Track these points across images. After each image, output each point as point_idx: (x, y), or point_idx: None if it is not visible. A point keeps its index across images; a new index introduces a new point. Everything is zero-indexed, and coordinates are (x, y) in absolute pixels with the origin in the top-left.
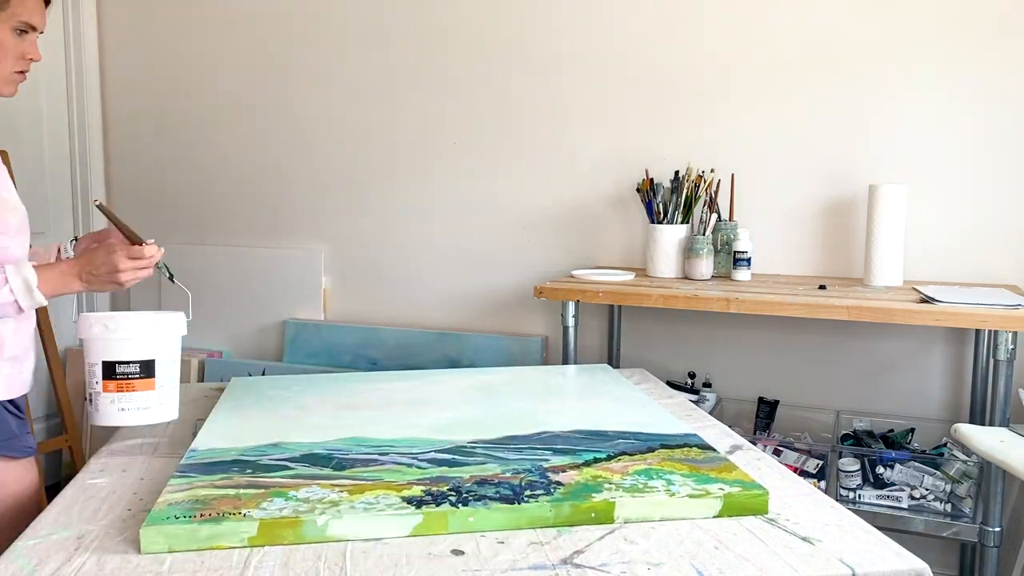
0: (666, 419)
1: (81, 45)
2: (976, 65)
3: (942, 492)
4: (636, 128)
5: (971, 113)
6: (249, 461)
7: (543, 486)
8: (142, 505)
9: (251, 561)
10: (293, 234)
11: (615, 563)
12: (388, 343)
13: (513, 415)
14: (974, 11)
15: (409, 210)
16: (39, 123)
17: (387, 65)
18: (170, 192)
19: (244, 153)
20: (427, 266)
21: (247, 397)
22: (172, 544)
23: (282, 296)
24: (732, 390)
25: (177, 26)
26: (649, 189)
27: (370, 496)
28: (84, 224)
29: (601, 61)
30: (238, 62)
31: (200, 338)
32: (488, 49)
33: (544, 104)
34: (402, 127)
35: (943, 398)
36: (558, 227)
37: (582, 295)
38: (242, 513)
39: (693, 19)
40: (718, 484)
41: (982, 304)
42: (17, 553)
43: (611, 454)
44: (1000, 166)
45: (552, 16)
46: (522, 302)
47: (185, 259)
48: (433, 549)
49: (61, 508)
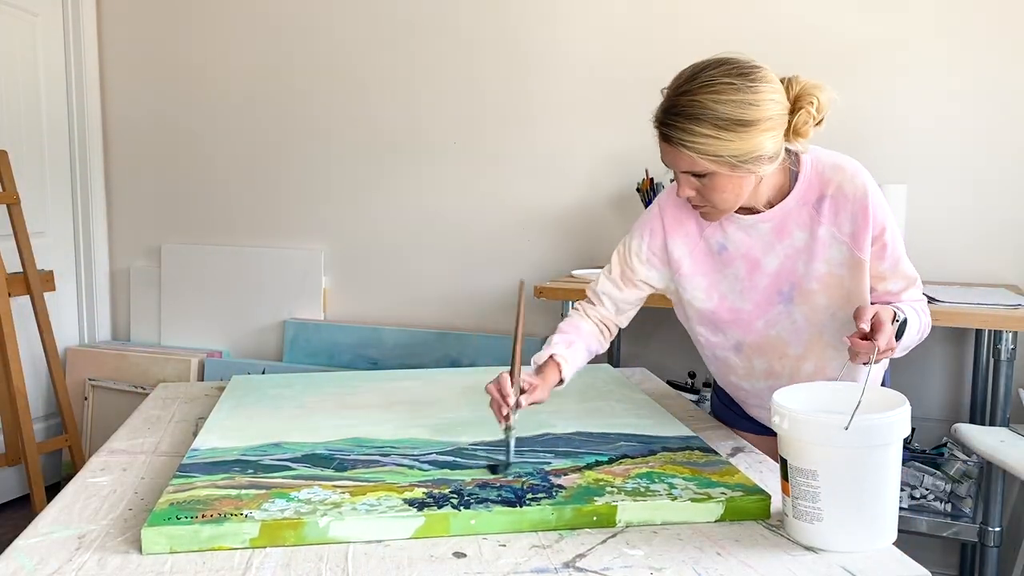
0: (668, 421)
1: (81, 45)
2: (976, 65)
3: (942, 492)
4: (636, 128)
5: (971, 113)
6: (251, 461)
7: (545, 489)
8: (143, 504)
9: (252, 562)
10: (293, 234)
11: (617, 567)
12: (388, 343)
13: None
14: (974, 11)
15: (409, 210)
16: (39, 123)
17: (387, 65)
18: (170, 192)
19: (244, 153)
20: (427, 266)
21: (248, 396)
22: (174, 545)
23: (282, 296)
24: None
25: (177, 26)
26: (649, 189)
27: (372, 498)
28: (84, 224)
29: (601, 61)
30: (238, 62)
31: (200, 338)
32: (488, 49)
33: (544, 104)
34: (402, 127)
35: (943, 398)
36: (558, 227)
37: (582, 295)
38: (244, 514)
39: (693, 19)
40: (720, 488)
41: (982, 304)
42: (18, 552)
43: (613, 457)
44: (1000, 166)
45: (552, 16)
46: None
47: (185, 259)
48: (435, 551)
49: (62, 507)
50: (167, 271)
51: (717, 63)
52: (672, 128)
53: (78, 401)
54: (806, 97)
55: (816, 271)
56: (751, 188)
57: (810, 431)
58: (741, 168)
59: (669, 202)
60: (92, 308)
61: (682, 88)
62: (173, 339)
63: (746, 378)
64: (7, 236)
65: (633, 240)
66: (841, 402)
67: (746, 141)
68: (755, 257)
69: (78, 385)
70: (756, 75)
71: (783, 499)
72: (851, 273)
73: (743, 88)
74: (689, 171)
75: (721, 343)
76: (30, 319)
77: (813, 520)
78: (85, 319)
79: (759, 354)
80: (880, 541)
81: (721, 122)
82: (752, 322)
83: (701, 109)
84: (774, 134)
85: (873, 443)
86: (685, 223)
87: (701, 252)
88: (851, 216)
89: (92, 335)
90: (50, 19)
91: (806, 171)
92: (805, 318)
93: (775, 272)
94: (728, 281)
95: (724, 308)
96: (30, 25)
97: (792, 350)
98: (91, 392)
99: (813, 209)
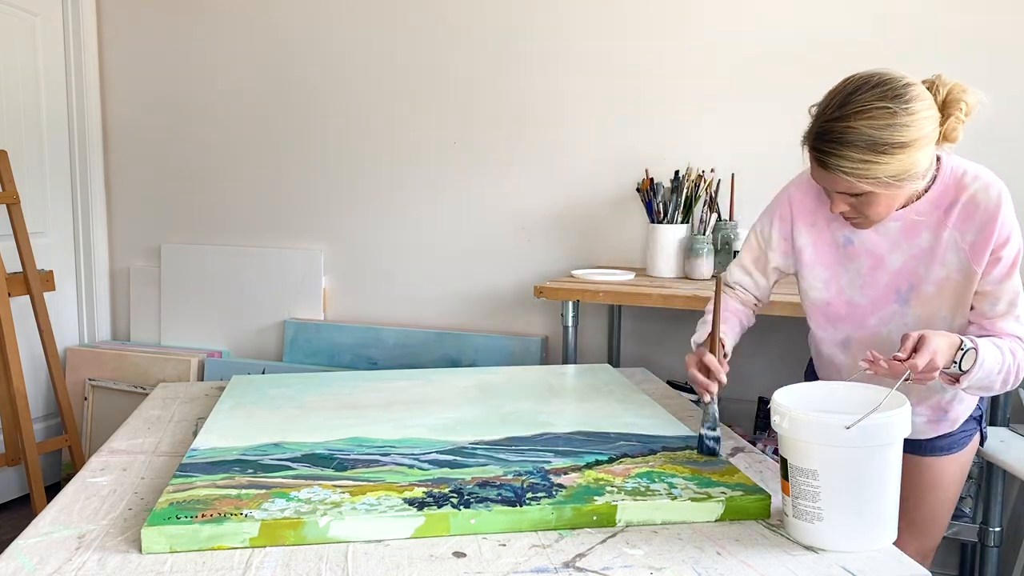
0: (668, 420)
1: (81, 45)
2: (976, 65)
3: None
4: (636, 128)
5: (975, 114)
6: (250, 461)
7: (545, 488)
8: (143, 504)
9: (252, 562)
10: (293, 234)
11: (617, 567)
12: (388, 343)
13: (514, 416)
14: (974, 11)
15: (409, 210)
16: (39, 123)
17: (388, 65)
18: (170, 192)
19: (244, 153)
20: (427, 266)
21: (248, 396)
22: (173, 544)
23: (282, 296)
24: (732, 390)
25: (177, 26)
26: (649, 189)
27: (372, 497)
28: (84, 224)
29: (601, 61)
30: (238, 62)
31: (200, 338)
32: (489, 49)
33: (544, 104)
34: (402, 127)
35: None
36: (558, 227)
37: (582, 295)
38: (243, 514)
39: (693, 19)
40: (720, 488)
41: None
42: (18, 551)
43: (613, 456)
44: (1000, 166)
45: (552, 16)
46: (522, 302)
47: (185, 259)
48: (435, 551)
49: (62, 507)
50: (167, 271)
51: (869, 84)
52: (828, 155)
53: (78, 401)
54: (955, 104)
55: (935, 275)
56: (904, 198)
57: (810, 431)
58: (896, 186)
59: (800, 190)
60: (92, 308)
61: (835, 114)
62: (173, 339)
63: (848, 377)
64: (7, 236)
65: (764, 226)
66: (841, 402)
67: (903, 161)
68: (880, 254)
69: (78, 385)
70: (909, 94)
71: (783, 499)
72: (965, 281)
73: (898, 112)
74: (846, 192)
75: (830, 338)
76: (30, 319)
77: (813, 520)
78: (85, 319)
79: (865, 352)
80: (880, 541)
81: (879, 147)
82: (865, 318)
83: (857, 136)
84: (929, 148)
85: (873, 443)
86: (814, 212)
87: (825, 243)
88: (978, 226)
89: (92, 335)
90: (50, 19)
91: (944, 176)
92: (916, 320)
93: (897, 271)
94: (849, 275)
95: (841, 301)
96: (30, 25)
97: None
98: (91, 392)
99: (943, 213)
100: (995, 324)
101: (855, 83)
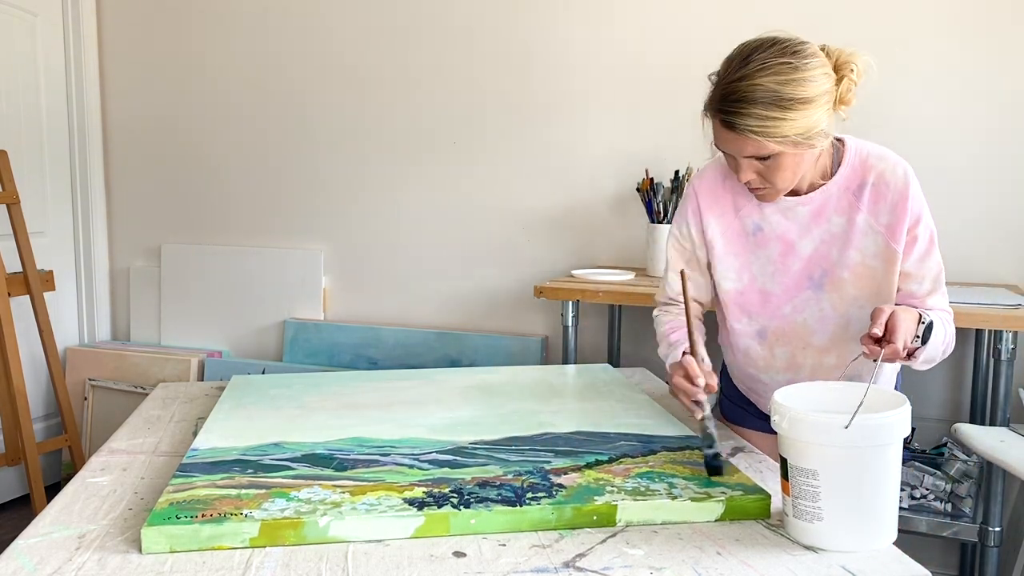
0: (668, 420)
1: (81, 45)
2: (977, 65)
3: (942, 492)
4: (636, 128)
5: (972, 113)
6: (250, 461)
7: (545, 488)
8: (143, 504)
9: (252, 562)
10: (293, 234)
11: (617, 567)
12: (388, 343)
13: (514, 416)
14: (974, 11)
15: (409, 210)
16: (39, 123)
17: (387, 65)
18: (170, 192)
19: (244, 153)
20: (427, 266)
21: (248, 396)
22: (173, 544)
23: (282, 296)
24: None
25: (177, 26)
26: (649, 189)
27: (372, 497)
28: (84, 224)
29: (601, 61)
30: (238, 63)
31: (200, 338)
32: (488, 49)
33: (544, 104)
34: (402, 127)
35: (943, 398)
36: (558, 227)
37: (582, 295)
38: (243, 514)
39: (693, 19)
40: (720, 488)
41: (982, 304)
42: (18, 551)
43: (613, 456)
44: (1000, 166)
45: (552, 16)
46: (522, 302)
47: (185, 259)
48: (435, 551)
49: (62, 507)
50: (167, 271)
51: (766, 44)
52: (735, 115)
53: (78, 401)
54: (846, 65)
55: (850, 259)
56: (809, 164)
57: (810, 431)
58: (804, 144)
59: (703, 184)
60: (92, 308)
61: (738, 73)
62: (173, 339)
63: (765, 370)
64: (7, 236)
65: (681, 228)
66: (841, 402)
67: (808, 117)
68: (790, 240)
69: (78, 385)
70: (806, 51)
71: (783, 499)
72: (884, 266)
73: (799, 67)
74: (754, 155)
75: (745, 329)
76: (30, 319)
77: (813, 520)
78: (85, 319)
79: (782, 342)
80: (880, 541)
81: (784, 102)
82: (780, 306)
83: (762, 92)
84: (828, 107)
85: (873, 443)
86: (720, 202)
87: (735, 232)
88: (890, 206)
89: (92, 335)
90: (50, 19)
91: (850, 157)
92: (832, 307)
93: (808, 256)
94: (760, 262)
95: (753, 290)
96: (30, 25)
97: (816, 340)
98: (91, 392)
99: (853, 196)
100: (924, 303)
101: (752, 45)
